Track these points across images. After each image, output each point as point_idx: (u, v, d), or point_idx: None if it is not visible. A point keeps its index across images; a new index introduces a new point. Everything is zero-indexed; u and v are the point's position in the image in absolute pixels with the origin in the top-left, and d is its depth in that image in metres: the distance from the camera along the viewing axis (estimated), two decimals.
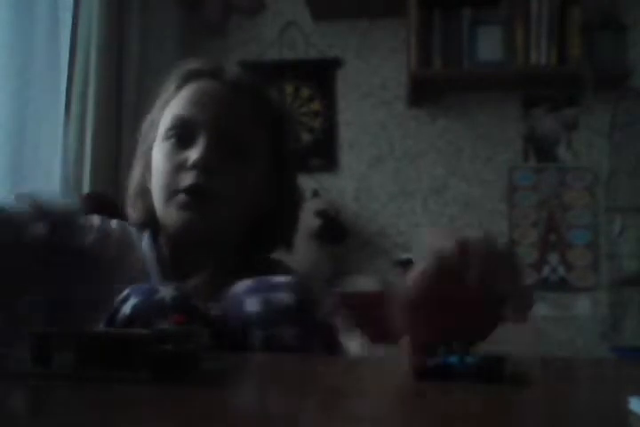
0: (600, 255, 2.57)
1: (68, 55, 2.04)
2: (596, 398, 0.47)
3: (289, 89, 2.77)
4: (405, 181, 2.69)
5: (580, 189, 2.61)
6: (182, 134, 0.90)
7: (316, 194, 2.64)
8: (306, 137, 2.75)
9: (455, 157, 2.67)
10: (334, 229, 2.51)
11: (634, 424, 0.36)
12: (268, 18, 2.80)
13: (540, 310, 2.58)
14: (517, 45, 2.43)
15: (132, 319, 0.72)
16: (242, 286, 0.77)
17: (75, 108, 2.05)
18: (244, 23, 2.80)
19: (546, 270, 2.59)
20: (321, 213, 2.50)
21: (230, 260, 0.95)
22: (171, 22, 2.57)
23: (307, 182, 2.68)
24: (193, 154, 0.87)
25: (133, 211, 0.96)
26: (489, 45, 2.45)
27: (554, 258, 2.59)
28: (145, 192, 0.94)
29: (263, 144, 0.94)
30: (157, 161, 0.91)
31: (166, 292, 0.74)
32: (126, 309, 0.72)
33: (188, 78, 0.94)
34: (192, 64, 0.95)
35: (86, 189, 2.02)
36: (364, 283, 2.45)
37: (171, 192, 0.88)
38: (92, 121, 2.05)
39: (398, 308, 0.54)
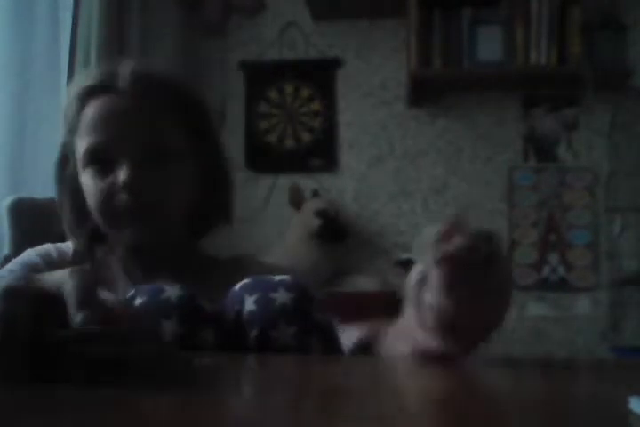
0: (600, 255, 2.57)
1: (67, 55, 2.04)
2: (596, 398, 0.47)
3: (289, 89, 2.77)
4: (405, 181, 2.69)
5: (580, 189, 2.61)
6: (102, 161, 0.89)
7: (316, 194, 2.64)
8: (306, 137, 2.75)
9: (455, 157, 2.67)
10: (334, 229, 2.51)
11: (634, 424, 0.36)
12: (268, 18, 2.80)
13: (540, 310, 2.58)
14: (517, 45, 2.43)
15: None
16: (240, 285, 0.78)
17: None
18: (244, 23, 2.80)
19: (546, 270, 2.59)
20: (321, 213, 2.50)
21: (191, 258, 0.98)
22: (171, 22, 2.57)
23: (307, 182, 2.68)
24: (120, 176, 0.87)
25: (75, 239, 0.96)
26: (489, 45, 2.45)
27: (554, 258, 2.59)
28: (83, 216, 0.94)
29: (182, 137, 0.93)
30: (87, 186, 0.91)
31: (172, 291, 0.75)
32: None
33: (85, 97, 0.91)
34: (85, 80, 0.93)
35: None
36: (364, 283, 2.45)
37: (109, 214, 0.89)
38: None
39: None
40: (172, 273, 0.86)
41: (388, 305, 2.62)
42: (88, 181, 0.90)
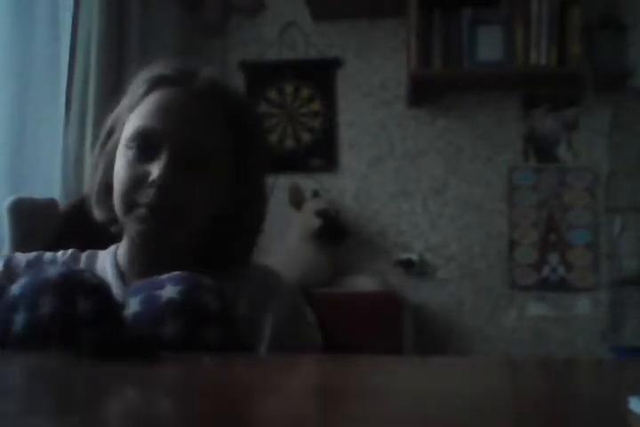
0: (600, 255, 2.57)
1: (68, 55, 2.04)
2: (596, 398, 0.47)
3: (289, 89, 2.77)
4: (405, 181, 2.68)
5: (580, 189, 2.61)
6: (144, 147, 0.88)
7: (316, 194, 2.64)
8: (306, 137, 2.75)
9: (455, 157, 2.67)
10: (334, 229, 2.51)
11: (634, 424, 0.36)
12: (268, 18, 2.80)
13: (540, 310, 2.58)
14: (517, 45, 2.43)
15: (17, 298, 0.73)
16: (131, 287, 0.77)
17: (75, 108, 2.05)
18: (244, 23, 2.80)
19: (546, 270, 2.59)
20: (321, 213, 2.50)
21: (193, 262, 0.94)
22: (171, 22, 2.57)
23: (307, 182, 2.68)
24: (154, 170, 0.86)
25: (98, 209, 0.95)
26: (489, 45, 2.45)
27: (554, 258, 2.59)
28: (108, 193, 0.93)
29: (228, 152, 0.93)
30: (119, 167, 0.90)
31: (54, 270, 0.75)
32: (15, 289, 0.74)
33: (156, 84, 0.91)
34: (162, 69, 0.93)
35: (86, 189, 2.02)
36: (364, 283, 2.45)
37: (129, 205, 0.87)
38: (92, 121, 2.05)
39: None
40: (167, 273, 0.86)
41: (387, 305, 2.61)
42: (122, 164, 0.89)
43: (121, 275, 0.92)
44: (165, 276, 0.76)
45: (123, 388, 0.48)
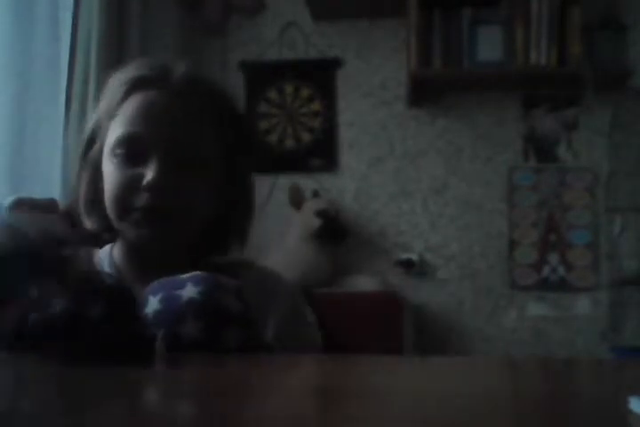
0: (600, 255, 2.57)
1: (68, 55, 2.04)
2: (596, 398, 0.47)
3: (289, 89, 2.77)
4: (405, 181, 2.69)
5: (580, 189, 2.61)
6: (132, 152, 0.87)
7: (316, 194, 2.64)
8: (306, 137, 2.75)
9: (455, 157, 2.67)
10: (334, 229, 2.51)
11: (634, 424, 0.36)
12: (268, 18, 2.80)
13: (540, 310, 2.58)
14: (517, 45, 2.43)
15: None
16: (148, 287, 0.77)
17: (75, 108, 2.05)
18: (244, 23, 2.80)
19: (546, 270, 2.59)
20: (321, 213, 2.50)
21: (188, 263, 0.93)
22: (171, 22, 2.57)
23: (307, 182, 2.68)
24: (147, 174, 0.85)
25: (88, 220, 0.93)
26: (489, 45, 2.45)
27: (554, 258, 2.59)
28: (97, 202, 0.91)
29: (217, 149, 0.92)
30: (108, 174, 0.89)
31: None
32: None
33: (134, 87, 0.89)
34: (137, 71, 0.91)
35: None
36: (364, 283, 2.45)
37: (124, 210, 0.87)
38: None
39: None
40: (165, 275, 0.86)
41: (387, 305, 2.62)
42: (111, 171, 0.88)
43: (118, 275, 0.92)
44: (185, 275, 0.76)
45: (122, 388, 0.48)
